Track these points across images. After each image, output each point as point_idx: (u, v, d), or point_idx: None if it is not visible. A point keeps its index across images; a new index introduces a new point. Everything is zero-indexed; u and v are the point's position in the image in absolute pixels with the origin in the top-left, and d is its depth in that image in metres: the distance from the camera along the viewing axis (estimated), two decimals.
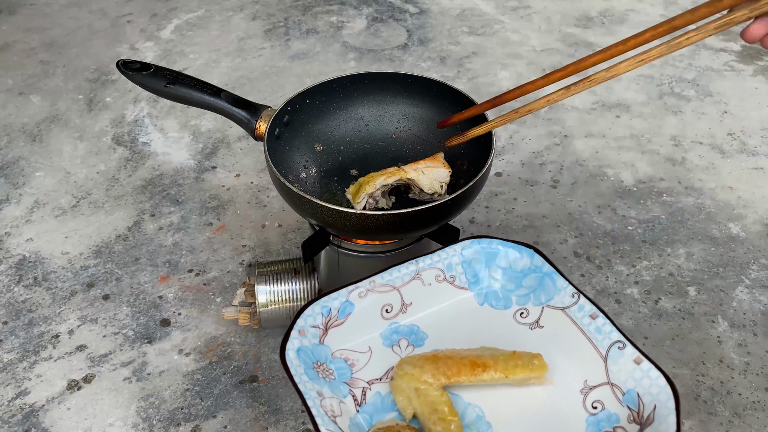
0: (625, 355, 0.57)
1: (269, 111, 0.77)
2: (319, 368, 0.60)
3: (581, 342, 0.60)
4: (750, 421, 0.73)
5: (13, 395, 0.76)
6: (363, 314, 0.64)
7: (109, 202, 1.02)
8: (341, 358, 0.62)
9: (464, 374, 0.58)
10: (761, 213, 1.00)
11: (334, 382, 0.60)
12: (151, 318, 0.84)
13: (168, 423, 0.73)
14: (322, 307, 0.62)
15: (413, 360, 0.60)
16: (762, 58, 1.38)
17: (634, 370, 0.56)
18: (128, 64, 0.78)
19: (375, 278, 0.65)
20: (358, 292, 0.64)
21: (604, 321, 0.60)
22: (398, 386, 0.59)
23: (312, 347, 0.60)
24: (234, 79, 1.30)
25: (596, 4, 1.59)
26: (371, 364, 0.62)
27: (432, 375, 0.58)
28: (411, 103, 0.86)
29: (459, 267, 0.67)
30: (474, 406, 0.59)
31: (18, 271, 0.91)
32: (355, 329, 0.63)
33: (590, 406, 0.57)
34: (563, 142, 1.14)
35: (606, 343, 0.59)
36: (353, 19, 1.51)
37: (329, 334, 0.62)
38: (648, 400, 0.54)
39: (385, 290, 0.65)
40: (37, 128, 1.17)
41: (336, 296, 0.63)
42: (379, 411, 0.59)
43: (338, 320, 0.63)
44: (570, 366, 0.60)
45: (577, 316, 0.62)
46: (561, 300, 0.63)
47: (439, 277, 0.67)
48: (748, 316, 0.84)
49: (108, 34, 1.45)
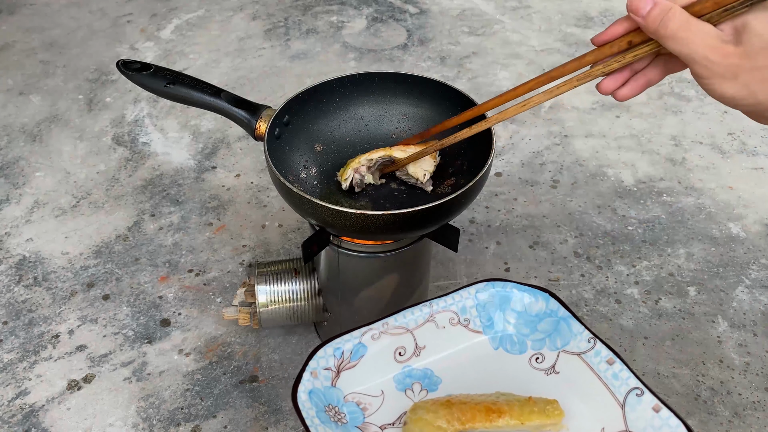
0: (644, 402, 0.56)
1: (269, 111, 0.77)
2: (331, 411, 0.59)
3: (598, 388, 0.60)
4: (750, 421, 0.73)
5: (13, 395, 0.76)
6: (376, 357, 0.63)
7: (109, 202, 1.02)
8: (353, 402, 0.61)
9: (479, 420, 0.58)
10: (761, 213, 1.00)
11: (346, 426, 0.59)
12: (151, 318, 0.84)
13: (168, 423, 0.73)
14: (334, 349, 0.62)
15: (427, 405, 0.59)
16: None
17: (653, 417, 0.55)
18: (128, 64, 0.78)
19: (388, 320, 0.64)
20: (371, 334, 0.63)
21: (621, 367, 0.59)
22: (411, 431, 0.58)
23: (324, 390, 0.60)
24: (234, 79, 1.30)
25: (596, 4, 1.59)
26: (384, 409, 0.61)
27: (446, 420, 0.57)
28: (411, 103, 0.86)
29: (473, 310, 0.67)
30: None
31: (18, 271, 0.91)
32: (368, 372, 0.63)
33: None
34: (563, 142, 1.14)
35: (623, 389, 0.58)
36: (353, 19, 1.51)
37: (341, 377, 0.62)
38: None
39: (399, 332, 0.64)
40: (37, 128, 1.17)
41: (349, 338, 0.62)
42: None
43: (351, 363, 0.62)
44: (587, 413, 0.59)
45: (594, 361, 0.61)
46: (577, 345, 0.63)
47: (453, 320, 0.66)
48: (748, 316, 0.84)
49: (108, 34, 1.45)
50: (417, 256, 0.79)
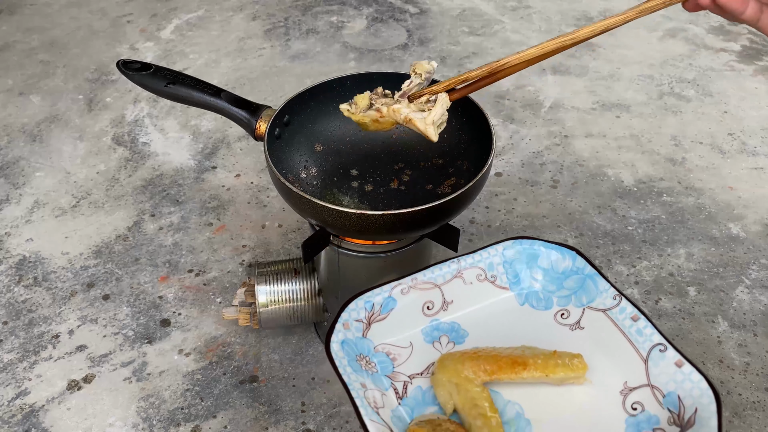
0: (667, 357, 0.57)
1: (269, 111, 0.77)
2: (362, 360, 0.60)
3: (622, 344, 0.61)
4: (750, 421, 0.73)
5: (13, 395, 0.76)
6: (405, 310, 0.64)
7: (109, 202, 1.02)
8: (383, 352, 0.62)
9: (504, 372, 0.59)
10: (761, 213, 1.00)
11: (377, 375, 0.60)
12: (151, 318, 0.84)
13: (168, 423, 0.73)
14: (365, 302, 0.63)
15: (454, 356, 0.60)
16: (762, 58, 1.38)
17: (676, 372, 0.56)
18: (128, 64, 0.78)
19: (417, 275, 0.65)
20: (400, 288, 0.64)
21: (646, 323, 0.60)
22: (439, 380, 0.59)
23: (355, 340, 0.61)
24: (234, 79, 1.30)
25: (596, 4, 1.59)
26: (412, 359, 0.62)
27: (473, 371, 0.59)
28: None
29: (500, 267, 0.68)
30: (514, 403, 0.59)
31: (18, 271, 0.91)
32: (397, 325, 0.64)
33: (630, 408, 0.57)
34: (563, 142, 1.14)
35: (647, 345, 0.59)
36: (353, 19, 1.51)
37: (372, 329, 0.63)
38: (689, 403, 0.54)
39: (427, 287, 0.65)
40: (37, 128, 1.17)
41: (379, 292, 0.64)
42: (420, 405, 0.59)
43: (381, 315, 0.63)
44: (610, 367, 0.60)
45: (619, 318, 0.62)
46: (602, 302, 0.64)
47: (481, 276, 0.67)
48: (748, 316, 0.84)
49: (108, 34, 1.45)
50: (417, 256, 0.79)
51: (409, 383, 0.61)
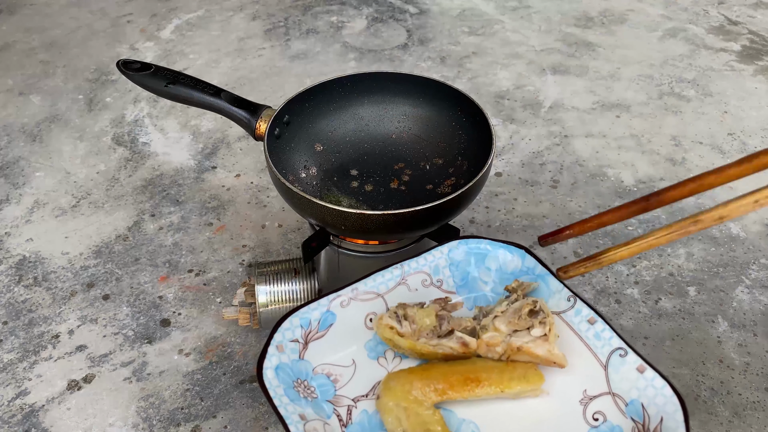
0: (627, 363, 0.54)
1: (269, 111, 0.77)
2: (300, 386, 0.56)
3: (579, 349, 0.57)
4: (750, 421, 0.73)
5: (13, 395, 0.76)
6: (345, 325, 0.60)
7: (109, 202, 1.02)
8: (323, 374, 0.58)
9: (456, 390, 0.55)
10: (761, 213, 1.00)
11: (317, 401, 0.56)
12: (151, 318, 0.84)
13: (168, 423, 0.73)
14: (300, 319, 0.58)
15: (400, 376, 0.56)
16: (762, 58, 1.38)
17: (638, 379, 0.53)
18: (128, 64, 0.78)
19: (357, 285, 0.61)
20: (339, 301, 0.60)
21: (604, 326, 0.56)
22: (385, 405, 0.54)
23: (291, 364, 0.56)
24: (234, 79, 1.30)
25: (596, 4, 1.59)
26: (356, 379, 0.58)
27: (422, 392, 0.54)
28: (411, 103, 0.86)
29: (446, 270, 0.64)
30: (469, 422, 0.55)
31: (18, 271, 0.91)
32: (338, 341, 0.59)
33: (591, 418, 0.54)
34: (563, 142, 1.14)
35: (606, 350, 0.55)
36: (353, 19, 1.51)
37: (309, 349, 0.58)
38: (653, 412, 0.51)
39: (369, 298, 0.61)
40: (37, 128, 1.17)
41: (316, 306, 0.59)
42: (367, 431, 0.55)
43: (319, 333, 0.59)
44: (569, 375, 0.56)
45: (574, 321, 0.58)
46: (556, 304, 0.60)
47: (426, 281, 0.63)
48: (748, 316, 0.84)
49: (108, 34, 1.45)
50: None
51: (353, 407, 0.56)
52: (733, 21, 1.52)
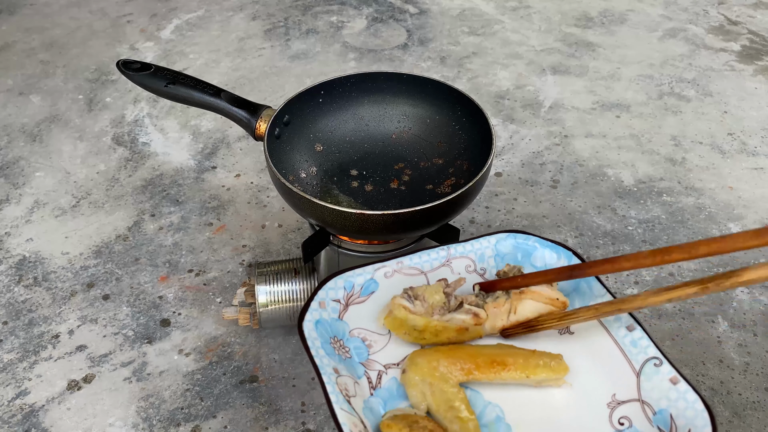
0: (661, 373, 0.54)
1: (269, 111, 0.77)
2: (336, 344, 0.57)
3: (614, 354, 0.57)
4: (750, 421, 0.73)
5: (13, 395, 0.76)
6: (387, 295, 0.60)
7: (109, 202, 1.02)
8: (359, 338, 0.59)
9: (482, 371, 0.55)
10: (761, 213, 1.00)
11: (350, 361, 0.57)
12: (151, 318, 0.84)
13: (168, 423, 0.73)
14: (345, 282, 0.59)
15: (427, 352, 0.56)
16: (762, 58, 1.38)
17: (670, 389, 0.53)
18: (128, 64, 0.78)
19: (403, 259, 0.62)
20: (384, 271, 0.61)
21: (642, 334, 0.56)
22: (411, 380, 0.55)
23: (331, 321, 0.57)
24: (234, 79, 1.30)
25: (596, 4, 1.59)
26: (389, 348, 0.58)
27: (448, 370, 0.55)
28: (411, 103, 0.86)
29: (491, 260, 0.64)
30: (494, 405, 0.55)
31: (18, 271, 0.91)
32: (377, 309, 0.60)
33: (617, 422, 0.54)
34: (563, 142, 1.14)
35: (641, 357, 0.55)
36: (353, 19, 1.51)
37: (349, 311, 0.59)
38: (681, 423, 0.51)
39: (413, 273, 0.62)
40: (37, 128, 1.17)
41: (361, 272, 0.60)
42: (395, 398, 0.55)
43: (360, 298, 0.60)
44: (599, 377, 0.57)
45: (613, 326, 0.58)
46: None
47: (470, 267, 0.64)
48: (748, 316, 0.84)
49: (108, 34, 1.45)
50: None
51: (384, 373, 0.57)
52: (733, 21, 1.52)
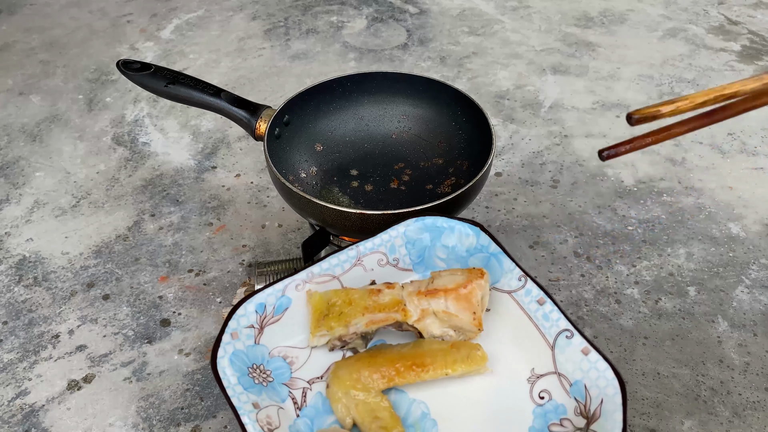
0: (573, 344, 0.55)
1: (269, 111, 0.77)
2: (255, 372, 0.56)
3: (529, 329, 0.58)
4: (750, 421, 0.73)
5: (13, 395, 0.76)
6: (301, 308, 0.60)
7: (109, 202, 1.02)
8: (280, 356, 0.58)
9: (402, 375, 0.56)
10: (761, 213, 1.00)
11: (272, 384, 0.56)
12: (151, 318, 0.84)
13: (168, 423, 0.73)
14: (256, 305, 0.58)
15: (348, 364, 0.57)
16: (762, 58, 1.38)
17: (582, 360, 0.54)
18: (128, 64, 0.78)
19: (312, 269, 0.61)
20: (294, 284, 0.60)
21: (552, 308, 0.57)
22: (334, 394, 0.55)
23: (246, 350, 0.57)
24: (234, 79, 1.30)
25: (596, 4, 1.59)
26: (312, 361, 0.58)
27: (370, 379, 0.55)
28: (411, 103, 0.86)
29: (402, 248, 0.64)
30: (419, 402, 0.56)
31: (18, 271, 0.91)
32: (294, 325, 0.60)
33: (537, 396, 0.55)
34: (563, 142, 1.14)
35: (554, 331, 0.56)
36: (353, 19, 1.51)
37: (265, 333, 0.58)
38: (595, 393, 0.52)
39: (324, 280, 0.61)
40: (37, 128, 1.17)
41: (271, 291, 0.59)
42: (321, 414, 0.55)
43: (275, 317, 0.59)
44: (517, 353, 0.57)
45: (524, 300, 0.59)
46: (508, 283, 0.60)
47: (382, 261, 0.63)
48: (748, 316, 0.84)
49: (108, 34, 1.45)
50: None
51: (308, 390, 0.57)
52: (733, 21, 1.52)
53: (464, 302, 0.57)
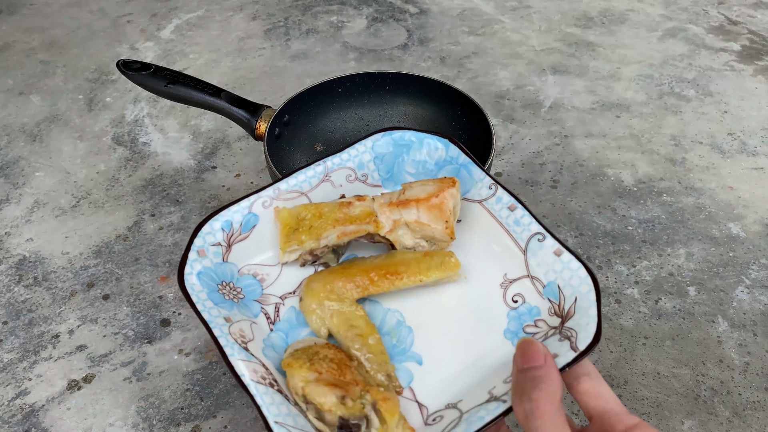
0: (545, 247, 0.55)
1: (269, 111, 0.77)
2: (225, 289, 0.55)
3: (500, 235, 0.57)
4: (750, 421, 0.73)
5: (13, 395, 0.76)
6: (270, 225, 0.59)
7: (109, 202, 1.02)
8: (249, 274, 0.57)
9: (376, 284, 0.56)
10: (761, 213, 1.00)
11: (243, 301, 0.55)
12: (151, 318, 0.84)
13: (168, 423, 0.73)
14: (222, 222, 0.57)
15: (321, 276, 0.56)
16: (762, 58, 1.38)
17: (555, 262, 0.54)
18: (128, 64, 0.78)
19: (279, 185, 0.60)
20: (261, 201, 0.59)
21: (523, 213, 0.57)
22: (308, 306, 0.55)
23: (215, 267, 0.55)
24: (234, 79, 1.30)
25: (596, 4, 1.59)
26: (283, 278, 0.57)
27: (343, 289, 0.55)
28: (411, 103, 0.86)
29: (371, 164, 0.63)
30: (394, 311, 0.56)
31: (18, 271, 0.91)
32: (262, 242, 0.58)
33: (511, 300, 0.55)
34: (563, 142, 1.14)
35: (525, 235, 0.56)
36: (353, 19, 1.51)
37: (233, 251, 0.57)
38: (569, 293, 0.52)
39: (292, 197, 0.60)
40: (37, 128, 1.17)
41: (237, 209, 0.58)
42: (295, 327, 0.55)
43: (242, 235, 0.58)
44: (489, 260, 0.57)
45: (495, 208, 0.58)
46: (478, 192, 0.60)
47: (350, 176, 0.62)
48: (748, 316, 0.84)
49: (108, 34, 1.45)
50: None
51: (281, 305, 0.56)
52: (733, 21, 1.52)
53: (436, 211, 0.57)
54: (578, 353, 0.45)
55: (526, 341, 0.43)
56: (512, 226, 0.57)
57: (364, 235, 0.58)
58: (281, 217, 0.59)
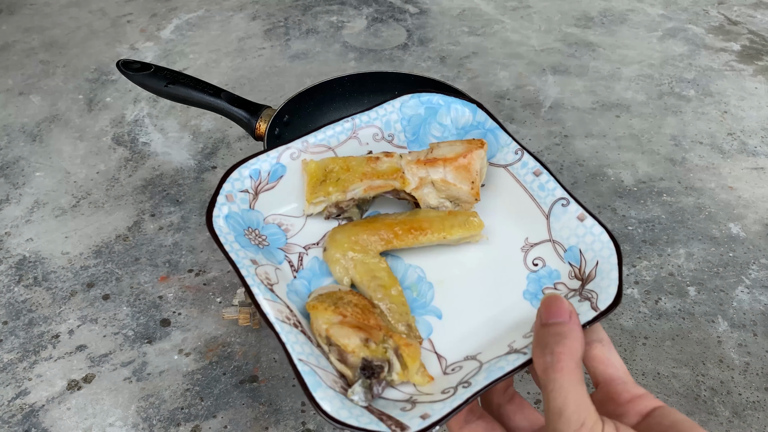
0: (569, 212, 0.55)
1: (269, 111, 0.77)
2: (251, 234, 0.56)
3: (524, 199, 0.58)
4: (750, 421, 0.73)
5: (13, 395, 0.76)
6: (296, 177, 0.59)
7: (109, 202, 1.02)
8: (274, 224, 0.58)
9: (401, 239, 0.56)
10: (761, 213, 1.00)
11: (268, 248, 0.56)
12: (151, 318, 0.84)
13: (168, 423, 0.73)
14: (251, 170, 0.58)
15: (345, 228, 0.57)
16: (762, 58, 1.38)
17: (577, 227, 0.54)
18: (128, 64, 0.78)
19: (308, 138, 0.60)
20: (289, 153, 0.59)
21: (548, 178, 0.57)
22: (332, 257, 0.55)
23: (241, 213, 0.56)
24: (234, 79, 1.30)
25: (596, 4, 1.59)
26: (307, 229, 0.58)
27: (367, 241, 0.56)
28: None
29: (398, 124, 0.64)
30: (415, 267, 0.57)
31: (18, 271, 0.91)
32: (289, 193, 0.59)
33: (531, 264, 0.56)
34: (563, 142, 1.14)
35: (549, 200, 0.57)
36: (353, 19, 1.51)
37: (260, 199, 0.58)
38: (590, 257, 0.53)
39: (320, 151, 0.61)
40: (37, 128, 1.17)
41: (266, 158, 0.58)
42: (318, 276, 0.56)
43: (269, 184, 0.58)
44: (512, 224, 0.58)
45: (520, 173, 0.59)
46: (504, 157, 0.61)
47: (377, 135, 0.63)
48: (748, 316, 0.84)
49: (108, 34, 1.45)
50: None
51: (305, 254, 0.56)
52: (733, 21, 1.52)
53: (463, 171, 0.58)
54: (599, 312, 0.46)
55: (552, 296, 0.44)
56: (536, 191, 0.58)
57: (390, 191, 0.59)
58: (309, 169, 0.59)
